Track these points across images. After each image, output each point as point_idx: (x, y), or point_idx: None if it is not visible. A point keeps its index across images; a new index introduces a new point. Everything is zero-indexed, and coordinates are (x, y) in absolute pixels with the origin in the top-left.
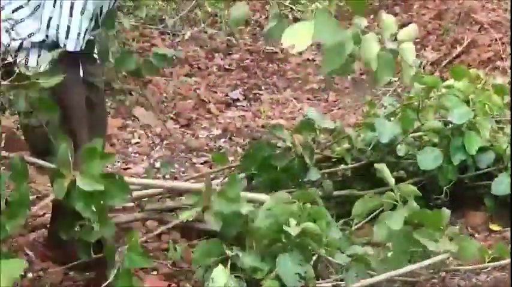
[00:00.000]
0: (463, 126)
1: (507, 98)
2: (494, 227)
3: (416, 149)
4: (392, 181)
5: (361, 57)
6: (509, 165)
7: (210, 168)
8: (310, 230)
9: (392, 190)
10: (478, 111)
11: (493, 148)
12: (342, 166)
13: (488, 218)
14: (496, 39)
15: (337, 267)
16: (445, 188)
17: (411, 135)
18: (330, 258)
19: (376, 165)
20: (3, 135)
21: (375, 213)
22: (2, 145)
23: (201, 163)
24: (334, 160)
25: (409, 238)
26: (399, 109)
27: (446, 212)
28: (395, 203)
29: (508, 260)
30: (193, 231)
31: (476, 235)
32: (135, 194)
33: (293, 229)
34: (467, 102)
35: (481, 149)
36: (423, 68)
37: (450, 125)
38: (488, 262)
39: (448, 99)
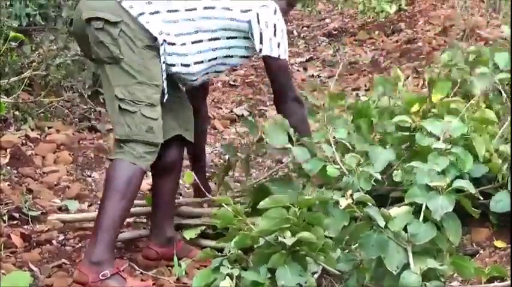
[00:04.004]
0: (458, 143)
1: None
2: (499, 244)
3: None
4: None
5: None
6: (508, 181)
7: (215, 184)
8: (306, 239)
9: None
10: (473, 129)
11: (488, 165)
12: None
13: (493, 235)
14: None
15: (337, 276)
16: None
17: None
18: (328, 267)
19: None
20: (9, 150)
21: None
22: (7, 160)
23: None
24: None
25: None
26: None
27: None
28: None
29: (508, 282)
30: (198, 247)
31: (481, 252)
32: (139, 210)
33: (288, 240)
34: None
35: (477, 167)
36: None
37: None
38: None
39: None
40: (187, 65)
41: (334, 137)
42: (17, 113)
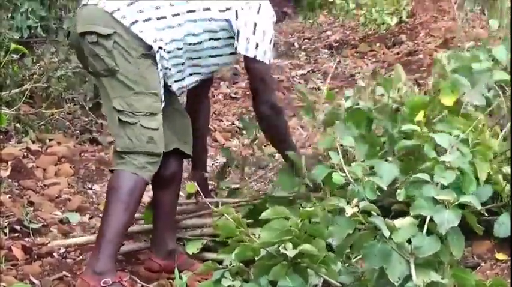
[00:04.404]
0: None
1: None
2: (500, 256)
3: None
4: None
5: None
6: (508, 201)
7: (216, 195)
8: (307, 251)
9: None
10: (476, 152)
11: (491, 184)
12: None
13: (494, 247)
14: None
15: None
16: None
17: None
18: (330, 279)
19: None
20: (10, 162)
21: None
22: (8, 172)
23: None
24: None
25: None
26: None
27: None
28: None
29: None
30: (200, 260)
31: (482, 264)
32: (141, 224)
33: (290, 251)
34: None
35: (482, 189)
36: None
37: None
38: None
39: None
40: (170, 69)
41: (341, 145)
42: (18, 125)
